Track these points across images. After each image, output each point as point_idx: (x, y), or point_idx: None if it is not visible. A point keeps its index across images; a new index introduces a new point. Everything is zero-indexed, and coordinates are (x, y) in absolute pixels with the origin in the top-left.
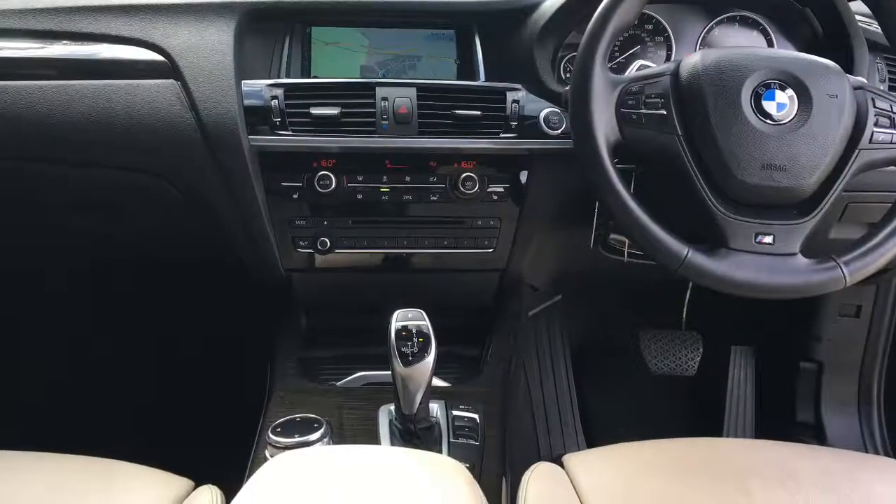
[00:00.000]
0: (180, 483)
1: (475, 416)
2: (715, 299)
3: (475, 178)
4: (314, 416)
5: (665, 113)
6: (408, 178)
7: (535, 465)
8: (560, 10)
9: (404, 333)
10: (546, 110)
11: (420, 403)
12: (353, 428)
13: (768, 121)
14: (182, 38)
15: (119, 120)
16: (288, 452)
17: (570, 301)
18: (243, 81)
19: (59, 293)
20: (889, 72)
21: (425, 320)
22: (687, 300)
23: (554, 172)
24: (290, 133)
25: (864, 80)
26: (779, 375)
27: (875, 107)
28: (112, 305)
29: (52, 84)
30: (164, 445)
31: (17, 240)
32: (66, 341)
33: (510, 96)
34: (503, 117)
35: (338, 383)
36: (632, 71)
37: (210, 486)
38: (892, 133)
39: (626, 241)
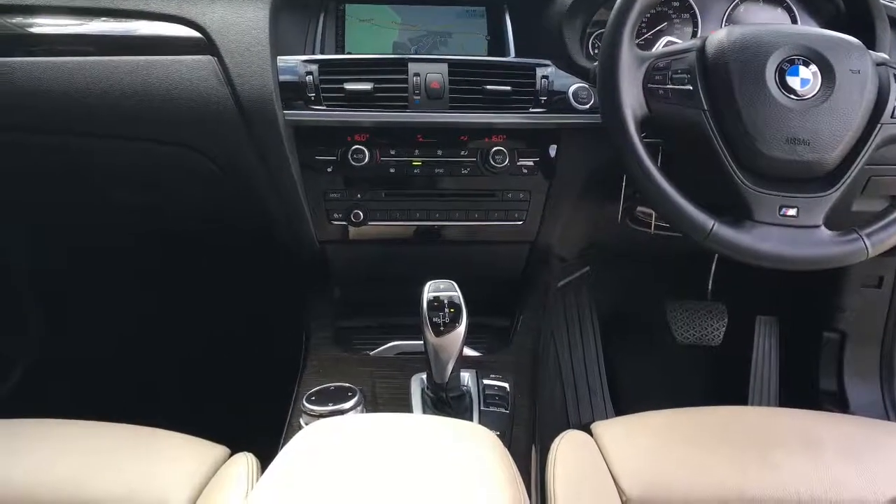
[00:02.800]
0: (217, 450)
1: (505, 384)
2: (740, 271)
3: (505, 151)
4: (348, 384)
5: (691, 88)
6: (439, 152)
7: (564, 432)
8: None
9: (436, 304)
10: (575, 85)
11: (451, 372)
12: (385, 396)
13: (792, 96)
14: (218, 14)
15: (157, 95)
16: (322, 420)
17: (598, 272)
18: (279, 57)
19: (98, 265)
20: None
21: (456, 291)
22: (713, 271)
23: (582, 146)
24: (324, 108)
25: (887, 57)
26: (802, 345)
27: None
28: (151, 277)
29: (92, 60)
30: (201, 414)
31: (63, 213)
32: (105, 313)
33: (540, 72)
34: (533, 92)
35: (371, 353)
36: (658, 47)
37: (246, 453)
38: None
39: (653, 213)
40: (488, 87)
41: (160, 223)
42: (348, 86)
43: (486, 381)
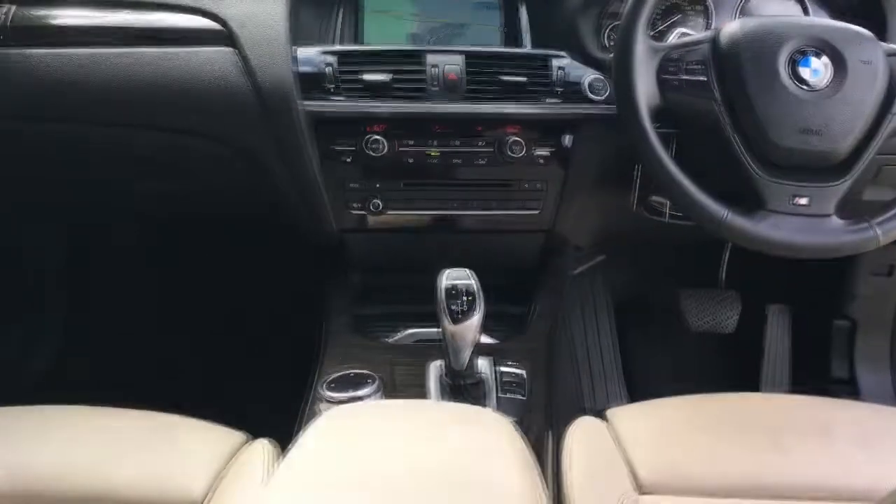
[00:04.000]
0: (236, 437)
1: (521, 371)
2: (752, 259)
3: (521, 141)
4: (366, 371)
5: (704, 79)
6: (456, 143)
7: (579, 419)
8: None
9: (453, 292)
10: (590, 76)
11: (468, 360)
12: (403, 383)
13: (804, 87)
14: (238, 6)
15: (178, 86)
16: (340, 406)
17: (612, 260)
18: (297, 49)
19: (119, 250)
20: None
21: (473, 279)
22: (725, 260)
23: (597, 136)
24: (342, 98)
25: None
26: (814, 333)
27: None
28: (171, 266)
29: (113, 51)
30: (220, 400)
31: (84, 198)
32: (125, 301)
33: (555, 63)
34: (548, 83)
35: (389, 340)
36: (672, 39)
37: (265, 439)
38: None
39: (667, 202)
40: (504, 77)
41: (182, 210)
42: (366, 77)
43: (502, 368)
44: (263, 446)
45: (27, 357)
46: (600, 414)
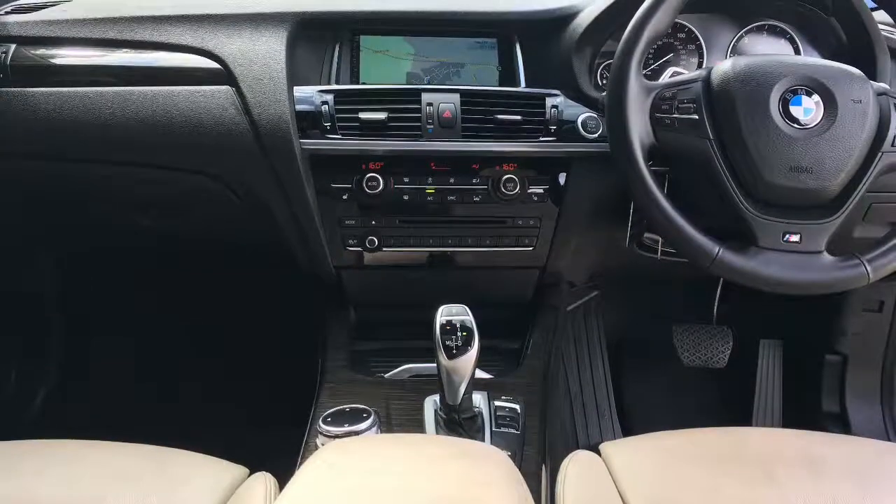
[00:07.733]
0: (236, 470)
1: (516, 406)
2: (744, 295)
3: (516, 179)
4: (363, 406)
5: (697, 117)
6: (452, 180)
7: (574, 452)
8: (597, 20)
9: (448, 328)
10: (583, 115)
11: (464, 394)
12: (400, 418)
13: (795, 125)
14: (237, 46)
15: (177, 124)
16: (338, 440)
17: (606, 296)
18: (295, 87)
19: (117, 284)
20: None
21: (469, 315)
22: (718, 296)
23: (591, 174)
24: (339, 137)
25: (887, 87)
26: (805, 367)
27: None
28: (169, 300)
29: (113, 90)
30: (220, 434)
31: (83, 233)
32: (124, 335)
33: (549, 102)
34: (543, 122)
35: (385, 375)
36: (665, 77)
37: (264, 473)
38: None
39: (660, 239)
40: (499, 116)
41: (181, 246)
42: (363, 115)
43: (497, 403)
44: (264, 480)
45: (27, 391)
46: (594, 448)
